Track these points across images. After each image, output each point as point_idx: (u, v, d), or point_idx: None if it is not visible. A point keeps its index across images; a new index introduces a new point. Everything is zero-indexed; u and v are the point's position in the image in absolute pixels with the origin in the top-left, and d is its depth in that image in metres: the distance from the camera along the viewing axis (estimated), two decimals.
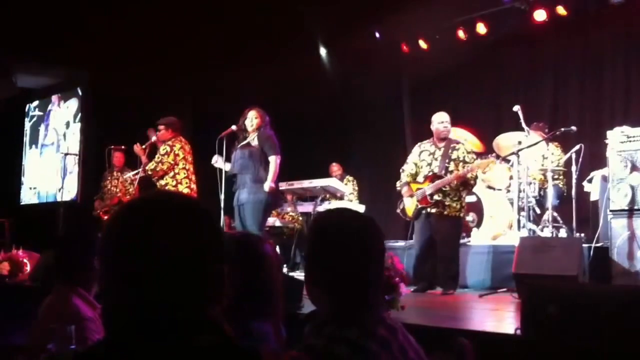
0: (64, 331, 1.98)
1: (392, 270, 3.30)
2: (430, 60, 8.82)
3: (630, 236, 4.87)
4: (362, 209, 7.90)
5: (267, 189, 5.63)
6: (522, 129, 6.39)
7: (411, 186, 5.78)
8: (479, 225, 6.94)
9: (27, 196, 11.40)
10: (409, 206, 5.82)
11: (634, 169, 4.90)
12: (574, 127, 6.28)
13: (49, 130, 11.18)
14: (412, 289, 5.45)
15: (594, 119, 7.85)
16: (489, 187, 7.07)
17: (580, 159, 6.27)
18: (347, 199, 8.31)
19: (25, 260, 6.39)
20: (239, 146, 5.85)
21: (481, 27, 8.29)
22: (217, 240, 1.16)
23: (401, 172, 5.93)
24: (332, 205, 7.41)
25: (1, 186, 10.93)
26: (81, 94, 10.60)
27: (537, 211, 6.58)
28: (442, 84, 9.07)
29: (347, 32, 8.59)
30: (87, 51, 8.50)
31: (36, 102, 11.54)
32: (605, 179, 5.34)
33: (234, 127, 5.92)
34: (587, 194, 6.25)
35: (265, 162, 5.71)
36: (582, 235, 6.04)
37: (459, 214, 5.72)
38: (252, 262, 1.71)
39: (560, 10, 7.65)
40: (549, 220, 6.20)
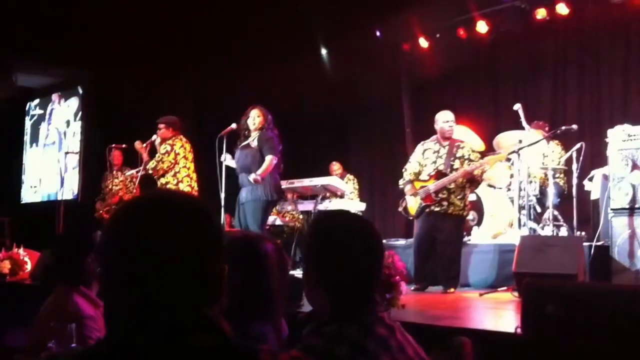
0: (64, 330, 1.98)
1: (392, 268, 3.30)
2: (430, 59, 8.82)
3: (630, 235, 4.87)
4: (362, 207, 7.91)
5: (251, 179, 5.58)
6: (523, 128, 6.39)
7: (414, 184, 5.76)
8: (479, 223, 6.92)
9: (28, 195, 11.40)
10: (412, 205, 5.79)
11: (635, 167, 4.89)
12: (574, 126, 6.27)
13: (50, 129, 11.19)
14: (412, 288, 5.46)
15: (594, 117, 7.85)
16: (490, 186, 7.06)
17: (581, 158, 6.26)
18: (348, 197, 8.30)
19: (25, 258, 6.41)
20: (239, 147, 5.84)
21: (482, 26, 8.28)
22: (218, 239, 1.16)
23: (403, 171, 5.90)
24: (333, 203, 7.40)
25: (2, 185, 10.94)
26: (82, 93, 10.60)
27: (538, 210, 6.57)
28: (443, 83, 9.06)
29: (348, 30, 8.58)
30: (88, 50, 8.50)
31: (36, 101, 11.54)
32: (606, 178, 5.32)
33: (234, 126, 5.91)
34: (588, 193, 6.24)
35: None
36: (583, 233, 6.04)
37: (462, 213, 5.71)
38: (253, 261, 1.70)
39: (560, 8, 7.64)
40: (549, 218, 6.19)
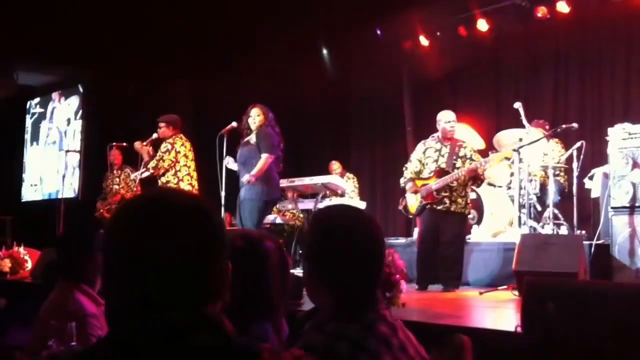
0: (65, 328, 1.98)
1: (392, 267, 3.29)
2: (431, 57, 8.81)
3: (631, 233, 4.87)
4: (362, 206, 7.90)
5: (245, 181, 5.56)
6: (523, 126, 6.38)
7: (416, 182, 5.74)
8: (479, 222, 6.92)
9: (29, 193, 11.41)
10: (412, 203, 5.79)
11: (635, 165, 4.89)
12: (575, 124, 6.27)
13: (51, 127, 11.20)
14: (416, 288, 5.47)
15: (595, 116, 7.84)
16: (490, 184, 7.06)
17: (581, 156, 6.26)
18: (349, 196, 8.31)
19: (26, 257, 6.41)
20: (241, 145, 5.85)
21: (482, 24, 8.27)
22: (220, 238, 1.16)
23: (404, 169, 5.89)
24: (333, 202, 7.40)
25: (2, 183, 10.94)
26: (82, 91, 10.60)
27: (538, 208, 6.57)
28: (443, 81, 9.07)
29: (348, 29, 8.57)
30: (88, 48, 8.49)
31: (37, 99, 11.55)
32: (606, 176, 5.32)
33: (235, 124, 5.91)
34: (588, 191, 6.24)
35: None
36: (583, 232, 6.04)
37: (464, 211, 5.71)
38: (253, 260, 1.70)
39: (561, 6, 7.63)
40: (549, 217, 6.19)
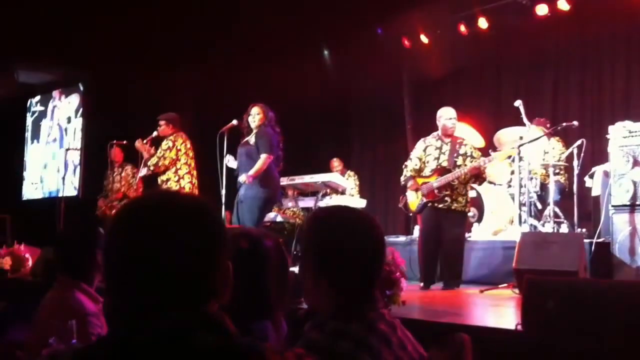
0: (65, 326, 1.98)
1: (392, 265, 3.29)
2: (431, 55, 8.80)
3: (631, 232, 4.86)
4: (363, 204, 7.90)
5: (242, 180, 5.55)
6: (524, 124, 6.38)
7: (416, 180, 5.72)
8: (479, 220, 6.92)
9: (29, 191, 11.41)
10: (413, 200, 5.77)
11: (636, 164, 4.89)
12: (575, 122, 6.27)
13: (52, 125, 11.20)
14: (421, 286, 5.48)
15: (595, 114, 7.84)
16: (490, 182, 7.06)
17: (581, 154, 6.25)
18: (349, 194, 8.30)
19: (27, 255, 6.41)
20: (240, 144, 5.84)
21: (483, 22, 8.26)
22: (220, 239, 1.16)
23: (404, 167, 5.86)
24: (334, 200, 7.40)
25: (3, 181, 10.94)
26: (82, 90, 10.60)
27: (539, 206, 6.57)
28: (444, 79, 9.06)
29: (349, 27, 8.57)
30: (89, 47, 8.49)
31: (37, 97, 11.54)
32: (606, 174, 5.32)
33: (235, 122, 5.91)
34: (589, 189, 6.23)
35: None
36: (584, 230, 6.04)
37: (464, 209, 5.70)
38: (253, 258, 1.70)
39: (561, 4, 7.63)
40: (550, 215, 6.19)
